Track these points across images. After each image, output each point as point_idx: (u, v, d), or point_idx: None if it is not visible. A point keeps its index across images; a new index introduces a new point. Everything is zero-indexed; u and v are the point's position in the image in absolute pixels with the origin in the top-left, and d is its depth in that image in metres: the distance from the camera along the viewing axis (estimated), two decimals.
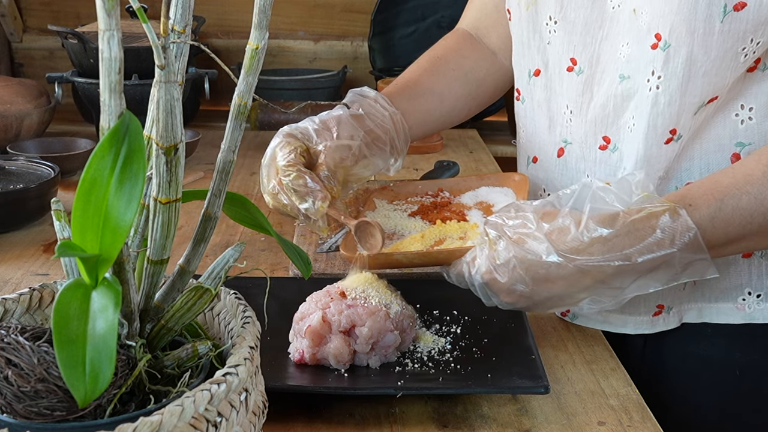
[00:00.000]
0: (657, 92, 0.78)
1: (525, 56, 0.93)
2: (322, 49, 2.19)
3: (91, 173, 0.44)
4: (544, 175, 0.93)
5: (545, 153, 0.92)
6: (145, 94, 1.52)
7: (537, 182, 0.95)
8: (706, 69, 0.75)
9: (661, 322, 0.87)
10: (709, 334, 0.87)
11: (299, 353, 0.74)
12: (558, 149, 0.90)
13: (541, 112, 0.92)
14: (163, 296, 0.53)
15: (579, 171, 0.88)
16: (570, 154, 0.89)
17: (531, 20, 0.90)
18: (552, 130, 0.90)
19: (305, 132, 0.87)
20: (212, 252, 1.04)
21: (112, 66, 0.44)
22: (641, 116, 0.80)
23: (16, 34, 2.12)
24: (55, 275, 1.00)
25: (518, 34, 0.93)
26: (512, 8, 0.94)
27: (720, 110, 0.79)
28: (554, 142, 0.90)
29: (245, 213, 0.56)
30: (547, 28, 0.88)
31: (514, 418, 0.70)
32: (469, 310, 0.84)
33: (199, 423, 0.44)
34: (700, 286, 0.85)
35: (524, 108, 0.96)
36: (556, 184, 0.91)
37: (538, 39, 0.90)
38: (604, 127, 0.84)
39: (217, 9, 2.13)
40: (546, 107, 0.91)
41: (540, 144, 0.93)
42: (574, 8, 0.84)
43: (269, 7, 0.50)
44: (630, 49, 0.80)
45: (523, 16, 0.91)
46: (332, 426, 0.69)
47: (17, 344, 0.46)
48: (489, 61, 1.05)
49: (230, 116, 0.52)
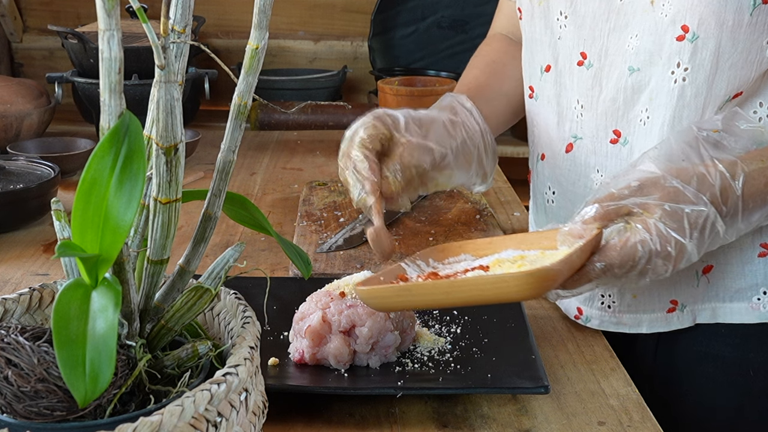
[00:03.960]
0: (683, 84, 0.78)
1: (537, 53, 0.93)
2: (322, 49, 2.19)
3: (91, 173, 0.44)
4: (551, 172, 0.93)
5: (553, 149, 0.92)
6: (145, 94, 1.52)
7: (543, 180, 0.95)
8: (733, 61, 0.76)
9: (675, 320, 0.86)
10: (723, 333, 0.87)
11: (299, 353, 0.74)
12: (566, 145, 0.90)
13: (550, 108, 0.92)
14: (163, 296, 0.53)
15: (589, 166, 0.88)
16: (579, 149, 0.88)
17: (543, 16, 0.90)
18: (561, 126, 0.90)
19: (395, 120, 0.86)
20: (212, 252, 1.04)
21: (112, 66, 0.44)
22: (661, 108, 0.80)
23: (16, 34, 2.12)
24: (55, 275, 1.00)
25: (530, 31, 0.94)
26: (523, 6, 0.94)
27: (740, 107, 0.79)
28: (563, 138, 0.90)
29: (245, 213, 0.56)
30: (558, 23, 0.88)
31: (514, 418, 0.70)
32: (469, 310, 0.84)
33: (199, 423, 0.44)
34: (714, 286, 0.85)
35: (536, 105, 0.95)
36: (562, 181, 0.91)
37: (549, 34, 0.90)
38: (615, 120, 0.84)
39: (217, 9, 2.13)
40: (555, 102, 0.91)
41: (548, 140, 0.93)
42: (584, 2, 0.85)
43: (269, 7, 0.50)
44: (640, 41, 0.80)
45: (535, 13, 0.91)
46: (332, 426, 0.69)
47: (17, 344, 0.46)
48: None
49: (230, 116, 0.52)
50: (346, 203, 1.21)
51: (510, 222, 1.20)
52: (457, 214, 1.16)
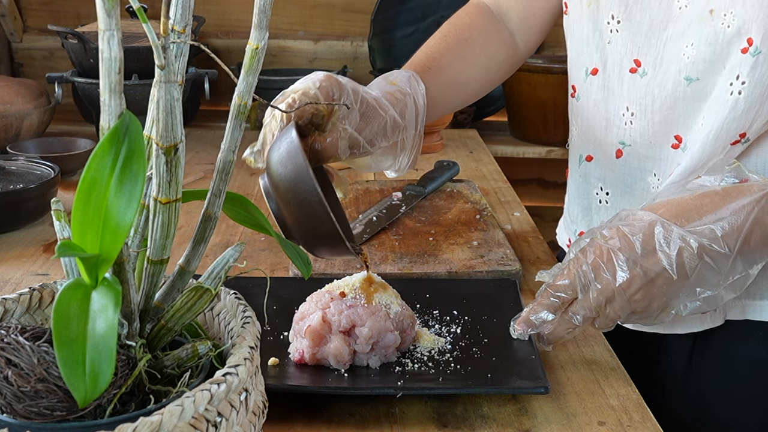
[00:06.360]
0: (738, 97, 0.77)
1: (583, 53, 0.92)
2: (322, 49, 2.19)
3: (91, 173, 0.44)
4: (602, 174, 0.93)
5: (602, 153, 0.92)
6: (145, 94, 1.52)
7: (592, 181, 0.95)
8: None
9: (708, 319, 0.85)
10: (761, 335, 0.86)
11: (299, 353, 0.74)
12: (616, 150, 0.89)
13: (597, 113, 0.91)
14: (163, 296, 0.53)
15: (645, 170, 0.87)
16: (631, 155, 0.88)
17: (591, 18, 0.89)
18: (608, 131, 0.90)
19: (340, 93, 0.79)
20: (212, 252, 1.04)
21: (112, 66, 0.44)
22: (713, 117, 0.79)
23: (16, 34, 2.12)
24: (55, 275, 1.00)
25: (577, 31, 0.92)
26: (571, 3, 0.92)
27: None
28: (611, 143, 0.90)
29: (245, 213, 0.56)
30: (608, 27, 0.87)
31: (514, 418, 0.70)
32: (469, 310, 0.85)
33: (199, 423, 0.43)
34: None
35: (579, 106, 0.95)
36: (617, 183, 0.91)
37: (597, 37, 0.89)
38: (676, 126, 0.83)
39: (217, 9, 2.13)
40: (603, 108, 0.90)
41: (595, 143, 0.93)
42: (641, 8, 0.83)
43: (269, 7, 0.50)
44: (697, 50, 0.79)
45: (584, 13, 0.90)
46: (332, 426, 0.69)
47: (17, 344, 0.46)
48: (508, 44, 1.03)
49: (230, 116, 0.52)
50: (347, 203, 1.21)
51: (510, 222, 1.20)
52: (457, 214, 1.16)
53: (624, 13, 0.85)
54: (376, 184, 1.31)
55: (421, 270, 0.96)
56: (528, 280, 0.98)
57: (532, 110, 1.95)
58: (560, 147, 1.96)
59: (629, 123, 0.87)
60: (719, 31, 0.77)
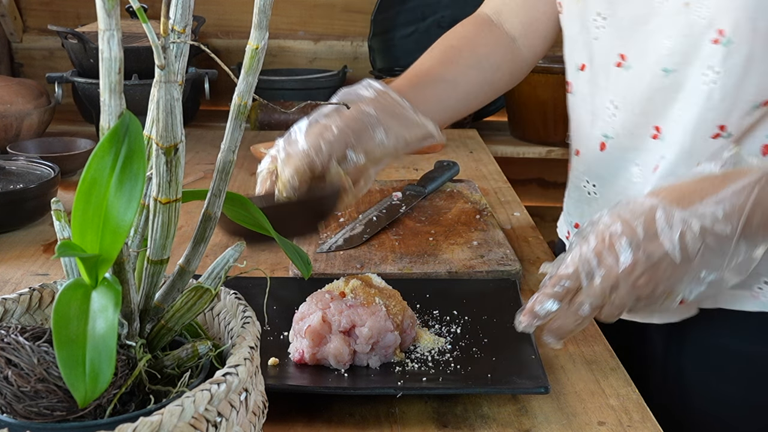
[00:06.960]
0: (713, 87, 0.78)
1: (574, 50, 0.94)
2: (322, 49, 2.19)
3: (91, 173, 0.44)
4: (587, 168, 0.95)
5: (587, 147, 0.94)
6: (145, 94, 1.52)
7: (579, 175, 0.97)
8: (764, 69, 0.76)
9: (684, 309, 0.86)
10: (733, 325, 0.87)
11: (299, 353, 0.74)
12: (600, 143, 0.91)
13: (584, 107, 0.93)
14: (163, 296, 0.53)
15: (627, 161, 0.89)
16: (613, 147, 0.90)
17: (579, 15, 0.91)
18: (594, 125, 0.92)
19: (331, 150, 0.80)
20: (212, 252, 1.04)
21: (112, 66, 0.44)
22: (690, 108, 0.81)
23: (16, 34, 2.12)
24: (55, 275, 1.00)
25: (569, 27, 0.94)
26: (564, 1, 0.94)
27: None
28: (596, 137, 0.92)
29: (245, 213, 0.56)
30: (594, 23, 0.89)
31: (514, 418, 0.70)
32: (469, 310, 0.85)
33: (199, 423, 0.43)
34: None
35: (573, 101, 0.97)
36: (603, 175, 0.93)
37: (584, 34, 0.91)
38: (654, 117, 0.85)
39: (217, 9, 2.13)
40: (590, 102, 0.92)
41: (582, 137, 0.95)
42: (624, 4, 0.85)
43: (269, 7, 0.50)
44: (674, 42, 0.80)
45: (572, 10, 0.92)
46: (332, 426, 0.69)
47: (17, 344, 0.46)
48: (506, 47, 1.03)
49: (230, 116, 0.52)
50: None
51: (510, 222, 1.20)
52: (457, 214, 1.16)
53: (608, 10, 0.86)
54: (376, 184, 1.31)
55: (421, 270, 0.96)
56: (528, 280, 0.98)
57: (532, 110, 1.96)
58: (560, 147, 1.96)
59: (612, 116, 0.89)
60: (693, 23, 0.78)
